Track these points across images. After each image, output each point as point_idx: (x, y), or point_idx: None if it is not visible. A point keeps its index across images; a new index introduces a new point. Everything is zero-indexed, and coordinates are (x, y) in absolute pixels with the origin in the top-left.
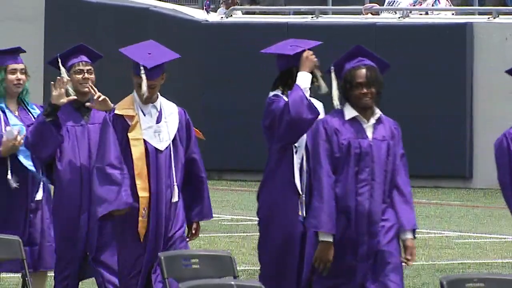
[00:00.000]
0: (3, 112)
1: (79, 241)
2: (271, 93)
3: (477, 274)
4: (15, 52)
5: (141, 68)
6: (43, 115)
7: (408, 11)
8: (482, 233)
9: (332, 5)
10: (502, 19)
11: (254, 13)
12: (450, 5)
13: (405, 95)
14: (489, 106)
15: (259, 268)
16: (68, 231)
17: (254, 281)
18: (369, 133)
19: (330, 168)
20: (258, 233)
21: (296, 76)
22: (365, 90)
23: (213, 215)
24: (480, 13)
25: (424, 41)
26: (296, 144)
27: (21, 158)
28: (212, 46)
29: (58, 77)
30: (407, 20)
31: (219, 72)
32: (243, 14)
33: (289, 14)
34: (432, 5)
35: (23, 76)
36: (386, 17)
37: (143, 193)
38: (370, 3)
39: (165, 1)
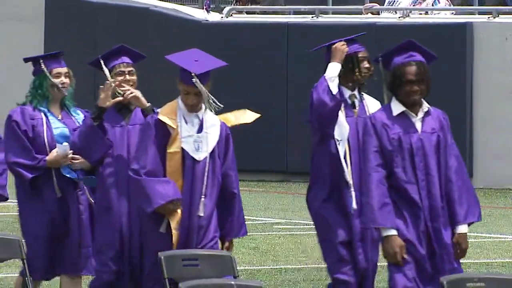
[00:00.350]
0: (46, 116)
1: (119, 245)
2: None
3: (477, 274)
4: (58, 56)
5: (193, 74)
6: (90, 118)
7: (408, 11)
8: (482, 233)
9: (332, 5)
10: (502, 19)
11: (254, 13)
12: (450, 5)
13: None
14: (489, 106)
15: (259, 268)
16: (108, 235)
17: (254, 281)
18: (418, 127)
19: (380, 163)
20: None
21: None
22: (415, 88)
23: None
24: (480, 13)
25: (424, 41)
26: (337, 138)
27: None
28: (212, 46)
29: (107, 81)
30: (407, 20)
31: (219, 72)
32: (243, 14)
33: (289, 14)
34: (432, 5)
35: (67, 80)
36: (386, 17)
37: None
38: (370, 3)
39: (165, 1)
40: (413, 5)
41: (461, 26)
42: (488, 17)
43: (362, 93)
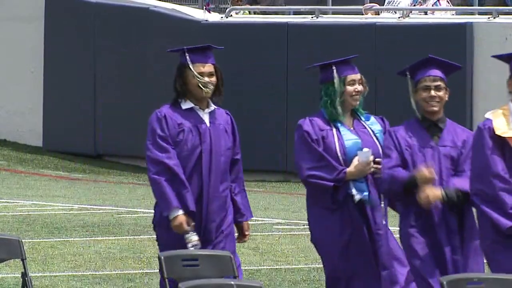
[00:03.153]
0: (337, 128)
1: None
2: None
3: (477, 274)
4: (351, 62)
5: None
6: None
7: (408, 11)
8: None
9: (332, 5)
10: (502, 19)
11: (254, 13)
12: (450, 5)
13: (405, 95)
14: (489, 106)
15: (259, 268)
16: None
17: (254, 281)
18: None
19: None
20: None
21: None
22: None
23: None
24: (480, 13)
25: (424, 41)
26: None
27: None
28: None
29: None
30: (407, 20)
31: None
32: (243, 14)
33: (289, 14)
34: (432, 5)
35: (361, 87)
36: (386, 17)
37: None
38: (370, 3)
39: (165, 1)
40: (413, 5)
41: (461, 26)
42: (488, 17)
43: None
